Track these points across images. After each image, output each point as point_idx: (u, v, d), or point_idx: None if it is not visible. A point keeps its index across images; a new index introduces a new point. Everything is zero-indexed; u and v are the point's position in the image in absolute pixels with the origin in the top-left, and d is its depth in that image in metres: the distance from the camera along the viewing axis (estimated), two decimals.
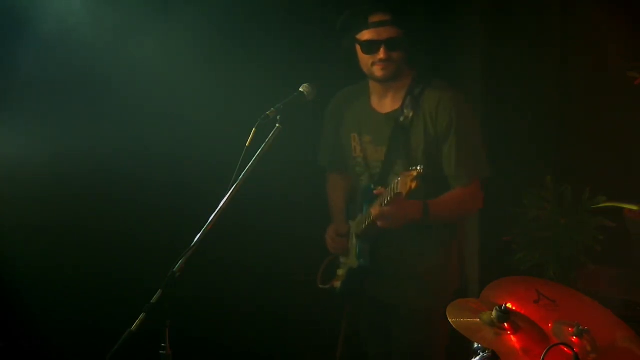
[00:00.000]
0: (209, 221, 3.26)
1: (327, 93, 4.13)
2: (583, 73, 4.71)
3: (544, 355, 2.94)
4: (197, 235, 3.24)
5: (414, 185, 3.60)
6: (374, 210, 3.93)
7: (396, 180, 3.72)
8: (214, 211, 3.28)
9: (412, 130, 3.98)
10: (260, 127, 3.51)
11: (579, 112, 4.72)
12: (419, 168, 3.61)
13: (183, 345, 3.30)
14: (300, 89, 3.81)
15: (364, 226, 4.05)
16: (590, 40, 4.68)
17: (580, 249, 4.32)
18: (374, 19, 3.93)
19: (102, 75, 4.46)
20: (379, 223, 3.92)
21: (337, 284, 4.28)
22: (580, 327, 3.17)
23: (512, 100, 4.71)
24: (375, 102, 4.12)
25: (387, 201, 3.83)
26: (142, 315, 3.08)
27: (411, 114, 3.98)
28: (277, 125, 3.56)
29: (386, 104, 4.09)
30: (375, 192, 3.98)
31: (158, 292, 3.12)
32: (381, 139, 4.07)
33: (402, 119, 4.00)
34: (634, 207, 4.17)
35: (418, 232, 3.98)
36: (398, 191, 3.68)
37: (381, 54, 3.92)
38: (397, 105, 4.05)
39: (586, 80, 4.70)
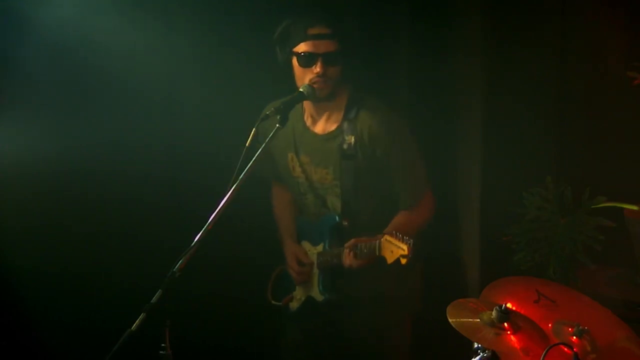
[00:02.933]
0: (209, 221, 3.27)
1: None
2: (583, 73, 4.71)
3: (544, 355, 2.94)
4: (197, 235, 3.24)
5: (403, 262, 3.60)
6: (347, 261, 3.90)
7: (378, 242, 3.70)
8: (214, 211, 3.28)
9: (358, 157, 3.95)
10: (260, 127, 3.52)
11: (579, 112, 4.71)
12: (409, 243, 3.57)
13: (183, 345, 3.30)
14: (300, 89, 3.81)
15: (329, 261, 4.03)
16: (590, 40, 4.68)
17: (580, 249, 4.31)
18: (313, 31, 3.86)
19: (103, 75, 4.45)
20: (345, 266, 3.93)
21: (294, 305, 4.24)
22: (580, 327, 3.17)
23: (511, 101, 4.71)
24: (309, 121, 4.07)
25: (363, 253, 3.82)
26: (142, 315, 3.08)
27: (352, 140, 3.94)
28: (277, 125, 3.57)
29: (320, 124, 4.04)
30: (344, 223, 3.99)
31: (158, 292, 3.12)
32: (321, 161, 4.03)
33: (345, 146, 3.95)
34: (634, 207, 4.16)
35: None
36: (381, 255, 3.69)
37: (318, 68, 3.84)
38: (331, 127, 4.00)
39: (586, 80, 4.70)
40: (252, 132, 3.49)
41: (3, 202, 4.39)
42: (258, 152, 3.43)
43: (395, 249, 3.62)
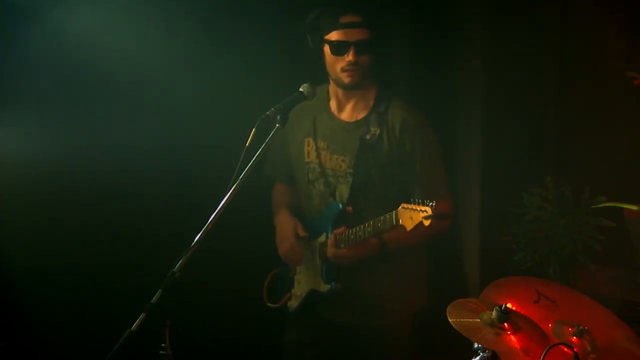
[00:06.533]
0: (209, 221, 3.27)
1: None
2: (583, 73, 4.71)
3: (544, 355, 2.94)
4: (197, 235, 3.24)
5: (427, 223, 3.55)
6: (330, 250, 3.93)
7: (394, 212, 3.67)
8: (214, 211, 3.28)
9: (379, 149, 3.95)
10: (260, 127, 3.52)
11: (579, 112, 4.71)
12: (431, 205, 3.54)
13: (183, 345, 3.30)
14: (300, 89, 3.81)
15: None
16: (590, 40, 4.68)
17: (580, 249, 4.31)
18: (346, 19, 3.88)
19: (103, 75, 4.46)
20: (331, 259, 3.94)
21: (293, 304, 4.21)
22: (580, 327, 3.17)
23: (512, 101, 4.71)
24: (334, 107, 4.08)
25: (351, 241, 3.83)
26: (142, 315, 3.08)
27: (377, 132, 3.95)
28: (277, 125, 3.57)
29: (346, 111, 4.05)
30: (348, 209, 3.96)
31: (158, 292, 3.12)
32: (339, 148, 4.03)
33: (368, 136, 3.96)
34: (634, 207, 4.16)
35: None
36: (401, 225, 3.65)
37: (350, 56, 3.87)
38: (359, 116, 4.02)
39: (586, 80, 4.70)
40: (252, 132, 3.48)
41: (4, 201, 4.39)
42: (258, 152, 3.43)
43: (415, 214, 3.58)
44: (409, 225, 3.61)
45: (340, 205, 4.01)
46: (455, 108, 4.79)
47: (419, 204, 3.59)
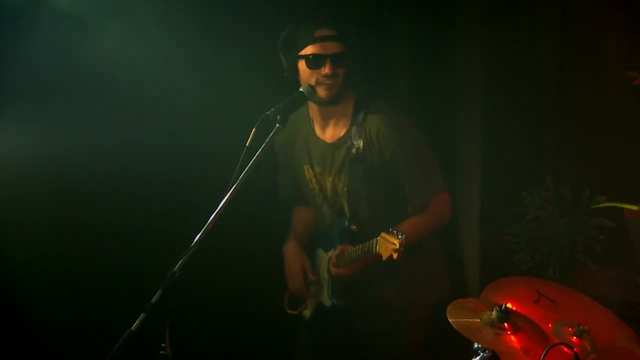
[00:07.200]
0: (209, 221, 3.27)
1: None
2: (583, 73, 4.71)
3: (544, 355, 2.94)
4: (197, 235, 3.24)
5: (395, 256, 3.62)
6: (332, 269, 4.01)
7: (375, 240, 3.73)
8: (214, 211, 3.28)
9: (366, 161, 3.96)
10: (260, 127, 3.52)
11: (579, 112, 4.71)
12: (401, 238, 3.59)
13: (183, 345, 3.30)
14: (300, 89, 3.82)
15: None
16: (590, 40, 4.68)
17: (580, 249, 4.31)
18: (321, 32, 3.88)
19: (104, 75, 4.45)
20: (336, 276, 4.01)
21: (307, 313, 4.26)
22: (580, 327, 3.17)
23: (511, 100, 4.71)
24: (318, 130, 4.08)
25: (351, 259, 3.90)
26: (142, 315, 3.09)
27: (361, 144, 3.95)
28: (277, 125, 3.57)
29: (329, 131, 4.06)
30: (353, 227, 4.01)
31: (158, 292, 3.12)
32: (333, 170, 4.04)
33: (354, 150, 3.96)
34: (634, 207, 4.16)
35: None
36: (377, 253, 3.71)
37: (327, 69, 3.85)
38: (340, 133, 4.01)
39: (586, 80, 4.70)
40: (252, 132, 3.49)
41: (4, 201, 4.39)
42: (258, 152, 3.43)
43: (389, 245, 3.64)
44: (384, 255, 3.67)
45: (346, 223, 4.04)
46: (455, 108, 4.79)
47: (392, 235, 3.64)
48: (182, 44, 4.57)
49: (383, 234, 3.69)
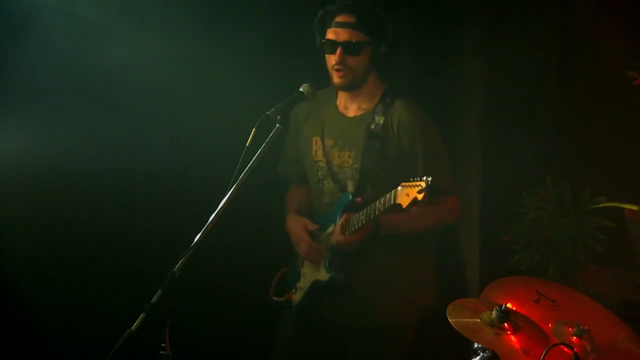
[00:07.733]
0: (209, 221, 3.27)
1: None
2: (583, 73, 4.71)
3: (544, 355, 2.94)
4: (197, 235, 3.24)
5: (420, 197, 3.51)
6: (335, 237, 3.93)
7: (394, 191, 3.65)
8: (214, 211, 3.28)
9: (384, 137, 3.94)
10: (260, 127, 3.52)
11: (579, 112, 4.71)
12: (426, 179, 3.51)
13: (183, 345, 3.30)
14: (300, 89, 3.81)
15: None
16: (590, 40, 4.68)
17: (580, 249, 4.31)
18: (339, 19, 3.87)
19: (104, 75, 4.46)
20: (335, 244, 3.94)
21: (296, 297, 4.18)
22: (580, 327, 3.17)
23: (511, 101, 4.71)
24: (341, 105, 4.08)
25: (380, 212, 3.77)
26: (142, 315, 3.08)
27: (382, 121, 3.93)
28: (277, 125, 3.57)
29: (352, 109, 4.05)
30: (357, 199, 3.94)
31: (158, 292, 3.12)
32: (346, 144, 4.02)
33: (373, 126, 3.94)
34: (634, 207, 4.16)
35: (391, 245, 3.95)
36: (397, 203, 3.63)
37: (336, 56, 3.85)
38: (363, 111, 4.00)
39: (586, 80, 4.70)
40: (252, 132, 3.48)
41: (4, 201, 4.39)
42: (258, 152, 3.43)
43: (411, 190, 3.55)
44: (405, 202, 3.57)
45: (351, 196, 4.00)
46: (455, 108, 4.79)
47: (416, 180, 3.55)
48: (182, 44, 4.58)
49: (403, 183, 3.60)
